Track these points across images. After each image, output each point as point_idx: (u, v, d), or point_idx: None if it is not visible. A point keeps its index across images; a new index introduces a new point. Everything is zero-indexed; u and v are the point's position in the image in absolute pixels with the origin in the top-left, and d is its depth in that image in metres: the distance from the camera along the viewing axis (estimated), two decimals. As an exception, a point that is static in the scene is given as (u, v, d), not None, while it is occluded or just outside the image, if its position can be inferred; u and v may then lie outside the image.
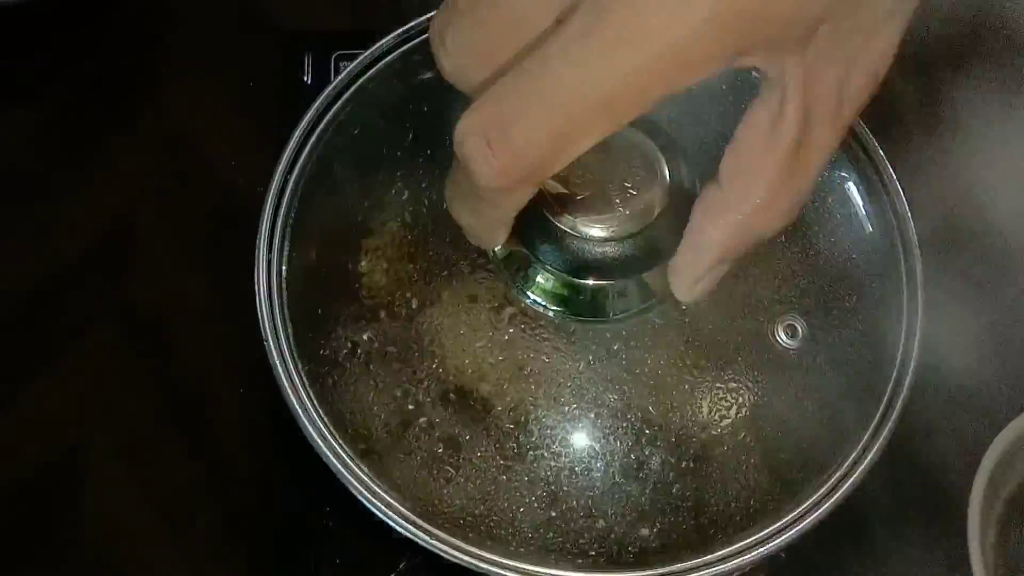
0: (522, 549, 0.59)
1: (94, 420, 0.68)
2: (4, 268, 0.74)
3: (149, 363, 0.71)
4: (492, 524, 0.61)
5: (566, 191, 0.53)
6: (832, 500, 0.49)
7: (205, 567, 0.65)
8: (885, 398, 0.53)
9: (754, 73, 0.40)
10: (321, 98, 0.59)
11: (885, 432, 0.51)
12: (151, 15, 0.88)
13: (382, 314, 0.68)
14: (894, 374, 0.54)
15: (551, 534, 0.61)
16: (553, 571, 0.48)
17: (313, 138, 0.59)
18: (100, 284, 0.74)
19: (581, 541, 0.61)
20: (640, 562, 0.59)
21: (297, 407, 0.51)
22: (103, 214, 0.77)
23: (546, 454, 0.64)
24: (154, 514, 0.66)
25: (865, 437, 0.52)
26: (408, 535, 0.48)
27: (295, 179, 0.58)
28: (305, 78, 0.79)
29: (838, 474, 0.51)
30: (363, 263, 0.69)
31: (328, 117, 0.60)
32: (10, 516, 0.66)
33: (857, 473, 0.50)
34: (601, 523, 0.62)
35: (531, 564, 0.48)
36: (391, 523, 0.48)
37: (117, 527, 0.66)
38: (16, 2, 0.81)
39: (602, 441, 0.64)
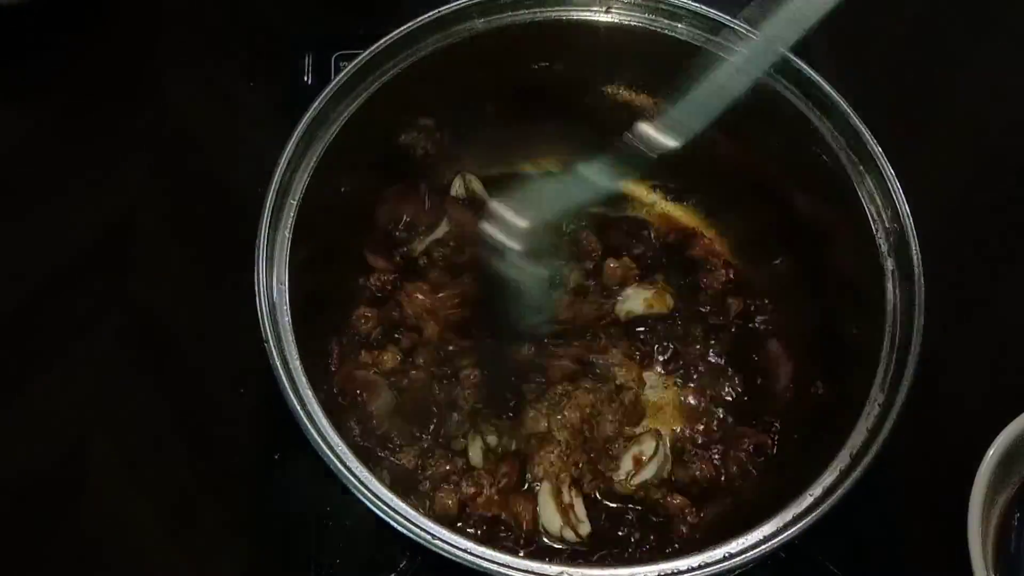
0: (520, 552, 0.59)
1: (95, 419, 0.68)
2: (6, 267, 0.74)
3: (149, 362, 0.71)
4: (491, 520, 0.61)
5: None
6: (832, 499, 0.49)
7: (205, 567, 0.65)
8: (884, 398, 0.53)
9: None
10: (320, 97, 0.59)
11: (884, 432, 0.51)
12: (151, 16, 0.88)
13: (382, 314, 0.68)
14: (893, 375, 0.54)
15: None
16: (554, 569, 0.47)
17: (313, 137, 0.59)
18: (100, 284, 0.74)
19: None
20: (642, 560, 0.59)
21: (297, 407, 0.51)
22: (104, 214, 0.77)
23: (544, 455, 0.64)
24: (154, 513, 0.66)
25: (863, 437, 0.52)
26: (408, 535, 0.48)
27: (296, 179, 0.58)
28: (306, 78, 0.79)
29: (837, 474, 0.51)
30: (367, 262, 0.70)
31: (328, 117, 0.60)
32: (11, 515, 0.66)
33: (856, 472, 0.50)
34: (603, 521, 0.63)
35: (532, 563, 0.48)
36: (392, 523, 0.48)
37: (117, 527, 0.66)
38: (17, 3, 0.81)
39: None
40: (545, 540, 0.61)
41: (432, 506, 0.61)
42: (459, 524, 0.61)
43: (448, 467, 0.63)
